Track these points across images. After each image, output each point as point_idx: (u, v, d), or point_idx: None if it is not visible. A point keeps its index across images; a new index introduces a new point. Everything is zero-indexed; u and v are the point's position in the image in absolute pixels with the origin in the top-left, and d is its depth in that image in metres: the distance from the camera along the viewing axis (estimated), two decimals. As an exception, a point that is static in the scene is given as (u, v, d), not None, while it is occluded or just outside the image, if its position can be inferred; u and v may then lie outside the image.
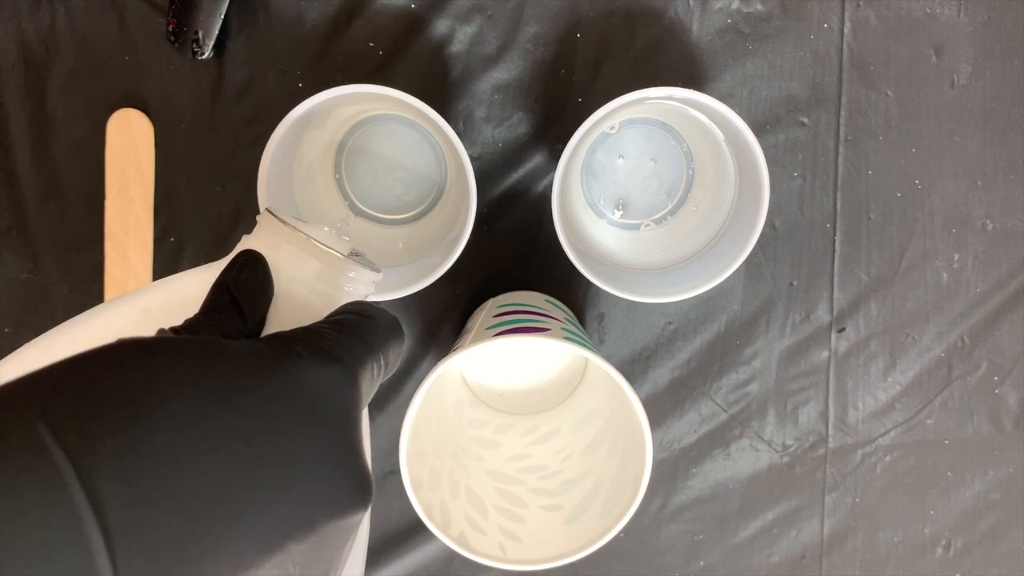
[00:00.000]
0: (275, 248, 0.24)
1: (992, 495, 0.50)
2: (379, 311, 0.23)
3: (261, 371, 0.18)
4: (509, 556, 0.36)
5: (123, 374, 0.16)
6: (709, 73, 0.45)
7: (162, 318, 0.22)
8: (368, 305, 0.24)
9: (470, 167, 0.36)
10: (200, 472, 0.16)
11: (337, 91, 0.35)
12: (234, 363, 0.18)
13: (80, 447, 0.14)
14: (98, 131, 0.44)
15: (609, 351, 0.47)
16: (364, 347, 0.21)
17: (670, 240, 0.44)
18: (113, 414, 0.15)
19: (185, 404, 0.16)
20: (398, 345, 0.24)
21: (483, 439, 0.44)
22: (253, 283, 0.23)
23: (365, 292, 0.27)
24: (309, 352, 0.20)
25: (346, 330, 0.22)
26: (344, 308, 0.23)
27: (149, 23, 0.43)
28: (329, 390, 0.19)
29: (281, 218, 0.25)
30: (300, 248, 0.24)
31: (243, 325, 0.22)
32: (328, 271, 0.25)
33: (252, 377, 0.18)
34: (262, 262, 0.24)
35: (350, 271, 0.25)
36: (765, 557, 0.50)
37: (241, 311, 0.22)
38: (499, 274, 0.46)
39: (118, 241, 0.44)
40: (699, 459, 0.49)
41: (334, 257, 0.25)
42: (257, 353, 0.19)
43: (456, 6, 0.43)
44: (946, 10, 0.45)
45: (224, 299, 0.22)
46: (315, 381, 0.19)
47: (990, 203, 0.47)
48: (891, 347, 0.48)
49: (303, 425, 0.18)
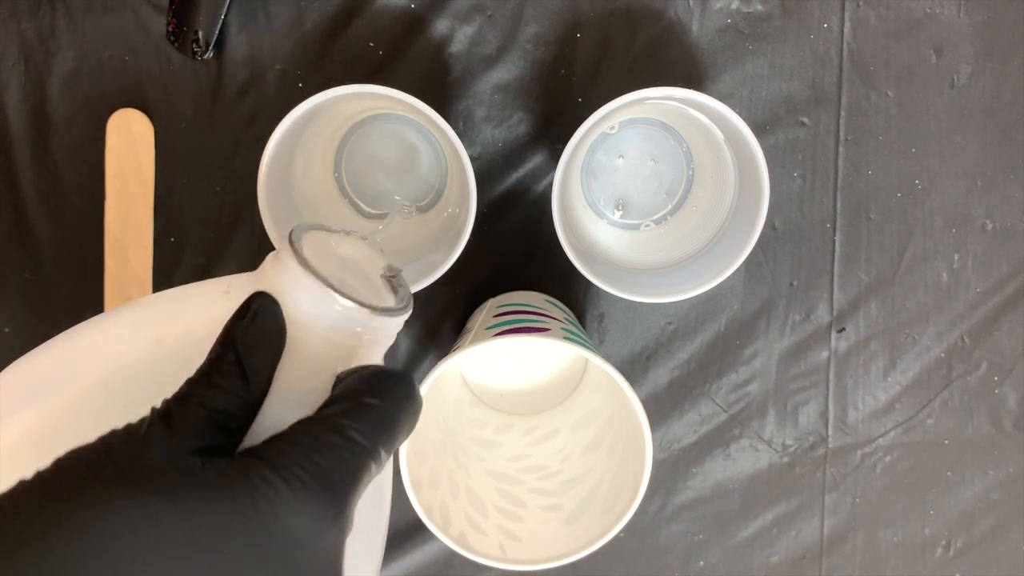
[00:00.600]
0: (291, 292, 0.22)
1: (992, 495, 0.50)
2: (392, 385, 0.21)
3: (229, 523, 0.17)
4: (509, 556, 0.36)
5: (56, 524, 0.15)
6: (709, 73, 0.45)
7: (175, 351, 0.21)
8: (380, 379, 0.21)
9: (470, 167, 0.36)
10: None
11: (337, 91, 0.35)
12: (199, 513, 0.16)
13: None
14: (98, 131, 0.44)
15: (609, 351, 0.47)
16: (360, 456, 0.19)
17: (670, 240, 0.44)
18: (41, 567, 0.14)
19: (137, 566, 0.15)
20: (411, 423, 0.22)
21: (483, 439, 0.44)
22: (262, 340, 0.21)
23: (390, 338, 0.25)
24: (287, 483, 0.18)
25: (343, 431, 0.19)
26: (350, 388, 0.21)
27: (149, 23, 0.43)
28: (305, 531, 0.18)
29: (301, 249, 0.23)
30: (319, 299, 0.22)
31: (245, 393, 0.20)
32: (346, 322, 0.23)
33: (218, 531, 0.16)
34: (274, 313, 0.22)
35: (374, 322, 0.23)
36: (765, 557, 0.50)
37: (245, 375, 0.20)
38: (499, 274, 0.46)
39: (118, 241, 0.44)
40: (699, 459, 0.49)
41: (355, 310, 0.23)
42: (228, 492, 0.17)
43: (456, 6, 0.43)
44: (946, 10, 0.45)
45: (229, 358, 0.20)
46: (291, 526, 0.17)
47: (990, 203, 0.47)
48: (891, 347, 0.48)
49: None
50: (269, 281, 0.23)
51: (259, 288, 0.22)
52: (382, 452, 0.20)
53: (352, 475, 0.19)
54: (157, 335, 0.22)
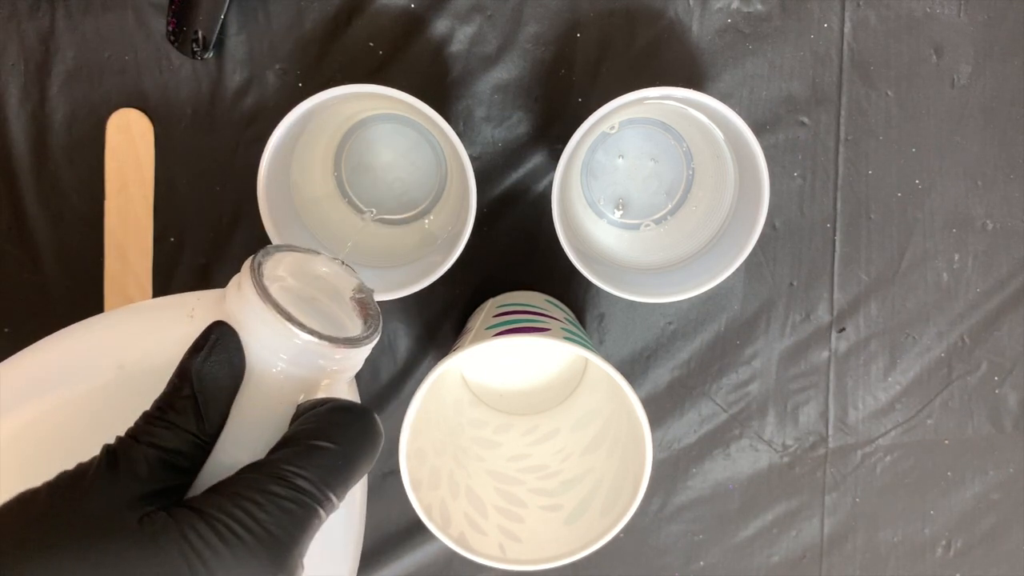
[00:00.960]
0: (250, 322, 0.22)
1: (992, 495, 0.50)
2: (349, 424, 0.21)
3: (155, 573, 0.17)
4: (509, 556, 0.36)
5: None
6: (709, 73, 0.45)
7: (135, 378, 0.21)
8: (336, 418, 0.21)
9: (470, 167, 0.36)
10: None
11: (337, 91, 0.35)
12: (131, 568, 0.16)
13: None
14: (98, 131, 0.44)
15: (609, 351, 0.47)
16: (310, 502, 0.19)
17: (670, 240, 0.44)
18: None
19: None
20: (367, 464, 0.21)
21: (483, 439, 0.44)
22: (217, 375, 0.21)
23: (353, 369, 0.24)
24: (224, 542, 0.17)
25: (289, 478, 0.19)
26: (307, 429, 0.21)
27: (149, 23, 0.43)
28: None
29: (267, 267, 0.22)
30: (277, 331, 0.22)
31: (198, 431, 0.20)
32: (308, 355, 0.22)
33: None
34: (232, 343, 0.21)
35: (336, 354, 0.23)
36: (765, 557, 0.50)
37: (199, 411, 0.20)
38: (499, 274, 0.46)
39: (118, 241, 0.44)
40: (699, 459, 0.49)
41: (316, 343, 0.22)
42: (162, 551, 0.17)
43: (456, 6, 0.43)
44: (946, 10, 0.45)
45: (185, 393, 0.20)
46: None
47: (990, 203, 0.47)
48: (891, 347, 0.48)
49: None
50: (230, 308, 0.22)
51: (220, 316, 0.22)
52: (333, 498, 0.20)
53: (297, 527, 0.19)
54: (119, 360, 0.22)
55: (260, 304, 0.22)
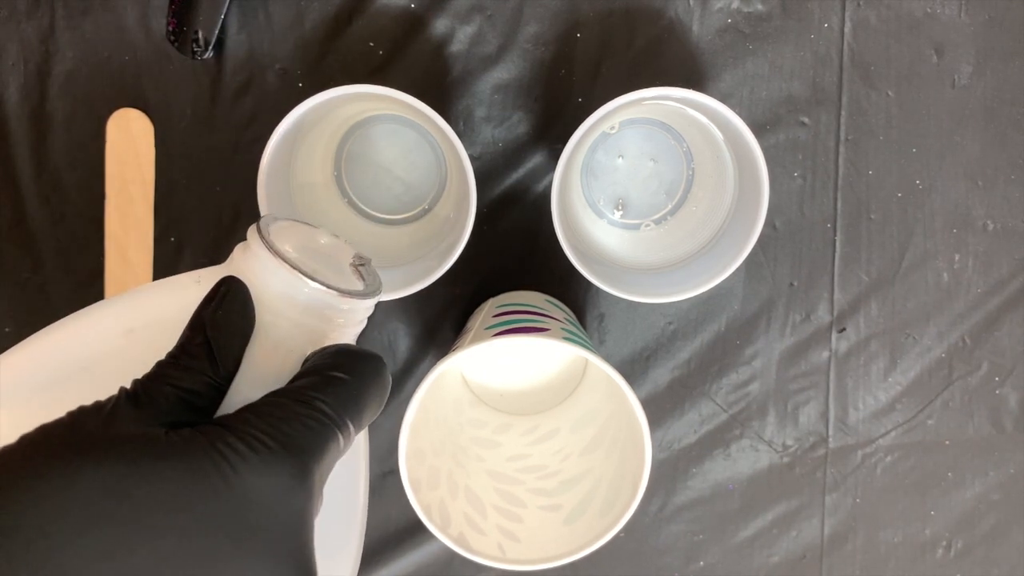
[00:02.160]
0: (259, 276, 0.23)
1: (993, 496, 0.50)
2: (361, 362, 0.22)
3: (192, 486, 0.17)
4: (508, 556, 0.36)
5: (25, 493, 0.15)
6: (709, 73, 0.45)
7: (147, 341, 0.21)
8: (348, 356, 0.22)
9: (470, 167, 0.36)
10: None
11: (337, 91, 0.35)
12: (162, 477, 0.17)
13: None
14: (98, 131, 0.44)
15: (609, 351, 0.47)
16: (326, 424, 0.20)
17: (670, 240, 0.44)
18: (8, 543, 0.14)
19: (99, 530, 0.15)
20: (378, 400, 0.22)
21: (482, 439, 0.44)
22: (230, 322, 0.22)
23: (360, 322, 0.25)
24: (251, 448, 0.18)
25: (310, 401, 0.20)
26: (319, 363, 0.22)
27: (149, 23, 0.43)
28: (270, 495, 0.18)
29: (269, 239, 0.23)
30: (287, 282, 0.23)
31: (213, 374, 0.21)
32: (316, 305, 0.23)
33: (180, 495, 0.17)
34: (242, 295, 0.22)
35: (343, 304, 0.24)
36: (765, 557, 0.50)
37: (213, 356, 0.21)
38: (499, 274, 0.46)
39: (118, 241, 0.44)
40: (699, 459, 0.49)
41: (324, 291, 0.23)
42: (192, 458, 0.17)
43: (456, 6, 0.43)
44: (947, 10, 0.45)
45: (198, 340, 0.21)
46: (253, 486, 0.18)
47: (991, 203, 0.47)
48: (891, 347, 0.48)
49: (235, 539, 0.17)
50: (238, 267, 0.23)
51: (229, 274, 0.23)
52: (349, 424, 0.21)
53: (317, 443, 0.19)
54: (129, 326, 0.23)
55: (269, 256, 0.23)
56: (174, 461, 0.17)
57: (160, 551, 0.16)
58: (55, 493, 0.16)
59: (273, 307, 0.23)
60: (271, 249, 0.23)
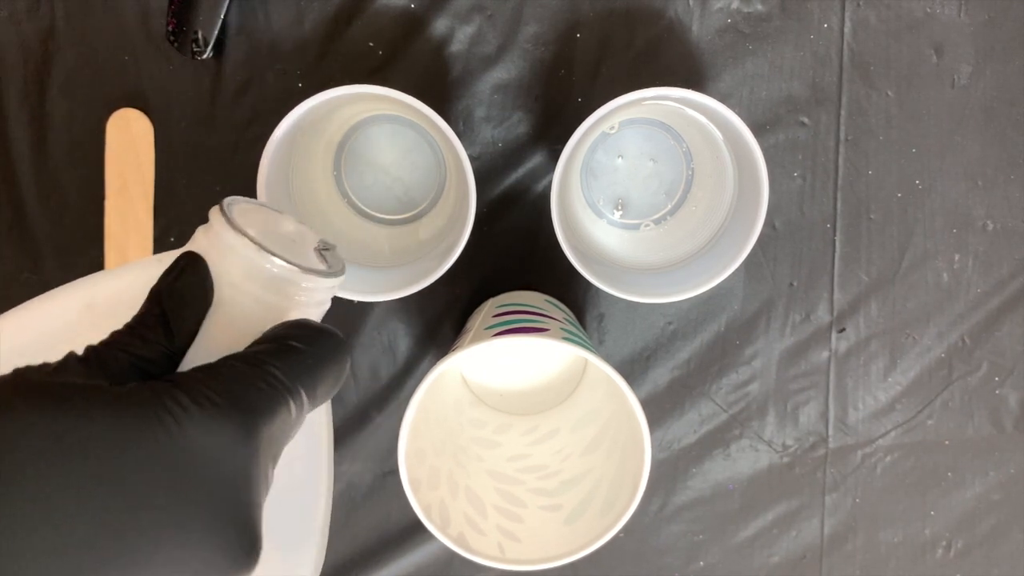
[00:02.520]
0: (220, 252, 0.23)
1: (993, 496, 0.50)
2: (319, 335, 0.22)
3: (132, 434, 0.17)
4: (508, 556, 0.36)
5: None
6: (709, 73, 0.45)
7: (105, 315, 0.21)
8: (304, 327, 0.22)
9: (470, 167, 0.36)
10: (41, 548, 0.15)
11: (337, 91, 0.35)
12: (100, 422, 0.17)
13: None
14: (98, 131, 0.44)
15: (609, 351, 0.47)
16: (276, 387, 0.20)
17: (670, 240, 0.44)
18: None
19: (32, 470, 0.15)
20: (333, 375, 0.22)
21: (482, 439, 0.44)
22: (186, 294, 0.22)
23: (321, 301, 0.25)
24: (196, 403, 0.18)
25: (259, 366, 0.20)
26: (276, 332, 0.22)
27: (149, 23, 0.43)
28: (213, 448, 0.18)
29: (230, 217, 0.23)
30: (246, 257, 0.23)
31: (168, 343, 0.21)
32: (276, 281, 0.23)
33: (118, 441, 0.17)
34: (200, 269, 0.22)
35: (303, 282, 0.24)
36: (765, 557, 0.50)
37: (168, 326, 0.21)
38: (499, 274, 0.46)
39: (118, 241, 0.44)
40: (699, 459, 0.49)
41: (285, 267, 0.23)
42: (132, 405, 0.17)
43: (456, 6, 0.43)
44: (946, 10, 0.45)
45: (155, 311, 0.21)
46: (196, 439, 0.18)
47: (991, 203, 0.47)
48: (891, 347, 0.48)
49: (173, 491, 0.17)
50: (199, 244, 0.23)
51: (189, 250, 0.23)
52: (302, 392, 0.21)
53: (266, 405, 0.19)
54: (89, 301, 0.23)
55: (229, 231, 0.23)
56: (116, 407, 0.17)
57: (94, 498, 0.16)
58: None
59: (233, 281, 0.23)
60: (231, 224, 0.23)
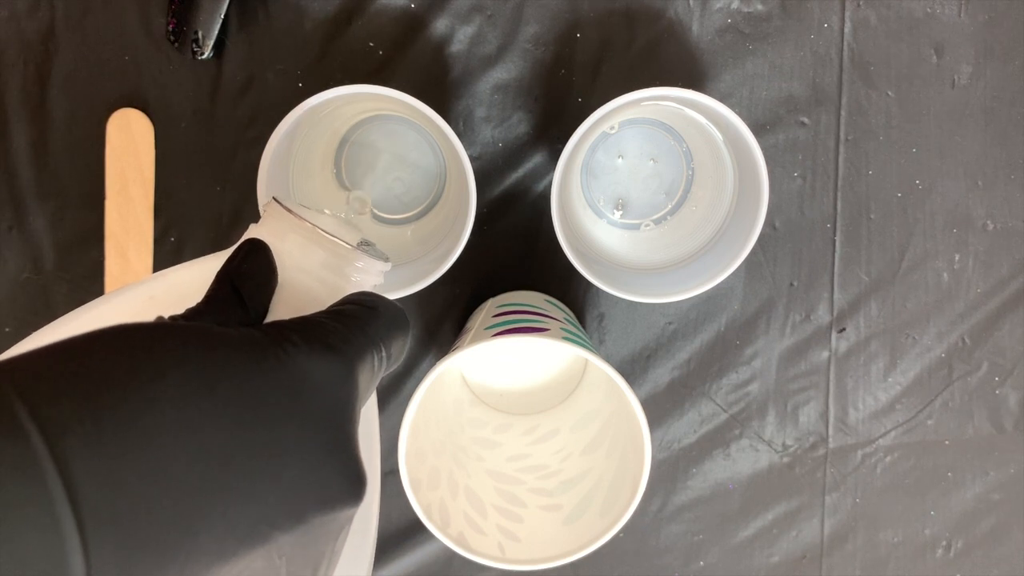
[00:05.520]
0: (281, 237, 0.24)
1: (993, 496, 0.50)
2: (384, 302, 0.23)
3: (253, 358, 0.18)
4: (508, 556, 0.36)
5: (110, 356, 0.16)
6: (709, 73, 0.45)
7: (168, 305, 0.22)
8: (373, 295, 0.23)
9: (470, 167, 0.36)
10: (183, 457, 0.16)
11: (337, 91, 0.35)
12: (225, 349, 0.18)
13: (56, 426, 0.14)
14: (98, 131, 0.44)
15: (609, 351, 0.47)
16: (364, 338, 0.21)
17: (670, 240, 0.44)
18: (96, 395, 0.15)
19: (171, 388, 0.16)
20: (403, 337, 0.23)
21: (483, 439, 0.44)
22: (255, 272, 0.23)
23: (373, 282, 0.26)
24: (305, 341, 0.19)
25: (346, 320, 0.21)
26: (347, 298, 0.23)
27: (149, 23, 0.43)
28: (323, 381, 0.19)
29: (288, 207, 0.25)
30: (306, 238, 0.24)
31: (244, 315, 0.22)
32: (334, 260, 0.25)
33: (243, 364, 0.18)
34: (265, 251, 0.24)
35: (358, 261, 0.25)
36: (765, 557, 0.50)
37: (243, 301, 0.22)
38: (499, 274, 0.46)
39: (118, 241, 0.44)
40: (699, 459, 0.49)
41: (341, 247, 0.25)
42: (251, 340, 0.19)
43: (456, 6, 0.43)
44: (946, 10, 0.45)
45: (226, 289, 0.22)
46: (309, 371, 0.19)
47: (991, 203, 0.47)
48: (891, 347, 0.48)
49: (293, 415, 0.18)
50: (258, 231, 0.25)
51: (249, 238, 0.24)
52: (382, 347, 0.22)
53: (360, 351, 0.21)
54: (150, 292, 0.24)
55: (288, 216, 0.24)
56: (240, 343, 0.18)
57: (229, 418, 0.17)
58: (151, 364, 0.17)
59: (295, 265, 0.24)
60: (289, 211, 0.25)
